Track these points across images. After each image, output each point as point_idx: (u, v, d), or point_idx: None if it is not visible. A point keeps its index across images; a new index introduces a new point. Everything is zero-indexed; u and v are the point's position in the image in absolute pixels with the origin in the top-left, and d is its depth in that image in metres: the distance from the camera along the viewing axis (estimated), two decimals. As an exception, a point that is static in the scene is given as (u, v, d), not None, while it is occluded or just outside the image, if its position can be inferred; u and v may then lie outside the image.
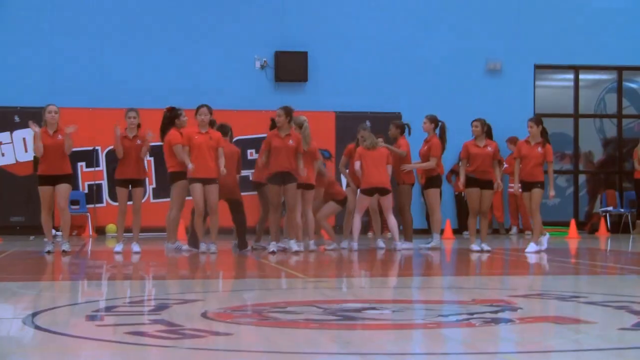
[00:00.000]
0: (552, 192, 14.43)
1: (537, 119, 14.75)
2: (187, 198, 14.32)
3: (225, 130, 14.48)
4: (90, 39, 19.97)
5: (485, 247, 14.32)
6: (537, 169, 14.31)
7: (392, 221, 14.88)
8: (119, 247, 13.88)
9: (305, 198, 14.62)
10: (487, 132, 14.58)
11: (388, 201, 14.75)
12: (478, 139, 14.40)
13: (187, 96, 17.77)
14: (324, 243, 15.31)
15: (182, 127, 14.27)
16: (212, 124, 14.12)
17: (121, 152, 13.75)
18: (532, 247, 14.21)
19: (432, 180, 15.05)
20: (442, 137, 15.25)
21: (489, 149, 14.30)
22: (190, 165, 13.60)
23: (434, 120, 15.28)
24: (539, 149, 14.31)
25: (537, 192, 14.25)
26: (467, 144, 14.47)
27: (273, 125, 14.45)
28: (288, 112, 14.11)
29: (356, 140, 15.05)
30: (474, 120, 14.59)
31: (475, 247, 14.38)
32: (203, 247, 13.89)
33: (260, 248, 14.84)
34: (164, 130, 14.51)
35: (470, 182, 14.34)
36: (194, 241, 14.38)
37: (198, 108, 13.96)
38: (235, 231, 14.73)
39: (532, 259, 13.42)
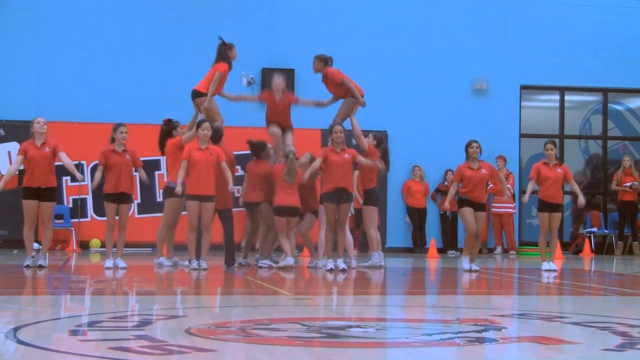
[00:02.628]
0: (582, 200, 14.75)
1: (554, 141, 14.93)
2: (183, 213, 14.31)
3: (219, 134, 14.37)
4: (76, 53, 19.97)
5: (474, 267, 14.25)
6: (560, 190, 14.51)
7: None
8: (109, 263, 13.77)
9: (293, 223, 14.66)
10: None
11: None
12: (472, 161, 14.20)
13: (174, 111, 17.73)
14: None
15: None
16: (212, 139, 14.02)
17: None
18: (551, 265, 14.44)
19: (368, 196, 14.83)
20: (384, 157, 15.08)
21: (483, 171, 14.16)
22: (178, 185, 13.54)
23: (377, 138, 15.13)
24: (559, 169, 14.41)
25: (560, 215, 14.75)
26: (461, 167, 14.32)
27: (255, 152, 14.63)
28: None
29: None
30: (472, 142, 14.28)
31: (465, 266, 14.30)
32: (194, 263, 13.83)
33: (246, 265, 14.83)
34: (162, 143, 14.51)
35: (464, 203, 14.27)
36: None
37: (200, 123, 13.86)
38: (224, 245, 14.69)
39: (548, 276, 13.54)
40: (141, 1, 20.31)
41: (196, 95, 14.78)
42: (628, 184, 20.44)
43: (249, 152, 15.35)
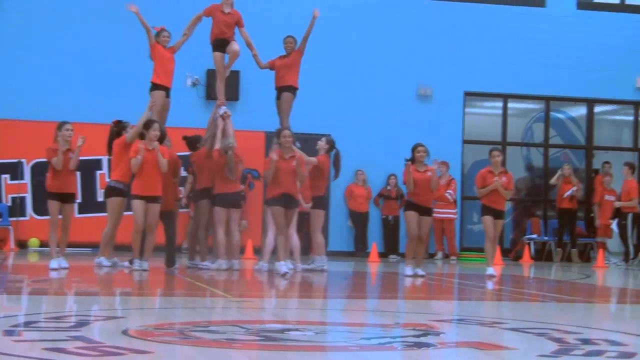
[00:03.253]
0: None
1: (500, 149, 15.04)
2: (125, 213, 14.23)
3: (163, 135, 14.29)
4: (17, 51, 19.74)
5: (420, 271, 14.22)
6: (503, 198, 14.61)
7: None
8: (54, 264, 13.52)
9: (233, 217, 14.66)
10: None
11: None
12: (420, 164, 14.19)
13: (118, 111, 17.60)
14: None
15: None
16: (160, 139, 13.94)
17: (60, 164, 13.43)
18: (490, 270, 14.51)
19: (317, 201, 14.93)
20: (336, 163, 15.20)
21: (429, 174, 14.18)
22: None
23: (329, 142, 15.20)
24: (504, 177, 14.47)
25: (502, 222, 14.94)
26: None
27: (192, 147, 14.66)
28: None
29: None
30: (418, 145, 14.31)
31: (408, 271, 14.27)
32: (137, 264, 13.71)
33: (194, 266, 14.76)
34: (110, 145, 14.39)
35: (409, 206, 14.31)
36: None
37: (150, 123, 13.78)
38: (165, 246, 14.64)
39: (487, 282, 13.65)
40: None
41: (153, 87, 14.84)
42: (568, 192, 20.64)
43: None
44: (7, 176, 19.02)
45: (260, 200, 18.65)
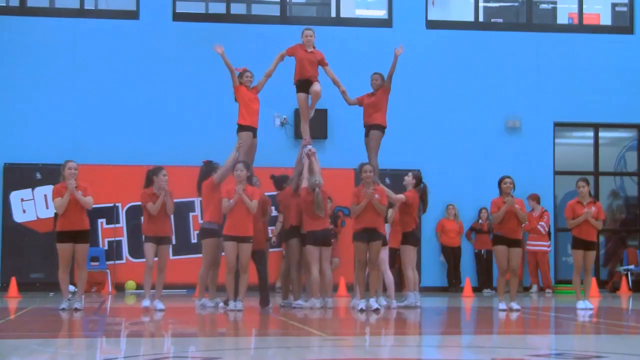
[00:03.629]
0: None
1: (586, 179, 15.03)
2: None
3: (251, 175, 14.42)
4: (110, 97, 20.17)
5: (515, 305, 14.06)
6: (594, 229, 14.49)
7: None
8: (146, 303, 13.83)
9: (325, 255, 14.71)
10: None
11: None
12: (506, 197, 14.11)
13: (208, 153, 17.83)
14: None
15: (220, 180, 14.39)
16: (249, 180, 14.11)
17: (156, 210, 13.78)
18: (587, 304, 14.42)
19: (407, 237, 14.89)
20: (423, 197, 15.16)
21: (517, 206, 14.09)
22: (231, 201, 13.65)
23: (416, 177, 15.17)
24: (593, 208, 14.35)
25: (594, 253, 14.77)
26: (495, 200, 14.28)
27: (278, 186, 14.70)
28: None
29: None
30: (506, 177, 14.30)
31: (502, 305, 14.14)
32: (231, 304, 13.84)
33: (288, 305, 14.79)
34: (200, 185, 14.59)
35: (498, 240, 14.24)
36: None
37: (235, 164, 13.99)
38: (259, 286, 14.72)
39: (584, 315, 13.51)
40: (171, 44, 20.48)
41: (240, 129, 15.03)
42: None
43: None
44: (103, 220, 19.36)
45: (350, 238, 18.64)
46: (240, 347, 9.71)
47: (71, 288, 14.45)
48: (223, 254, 14.23)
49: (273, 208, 17.41)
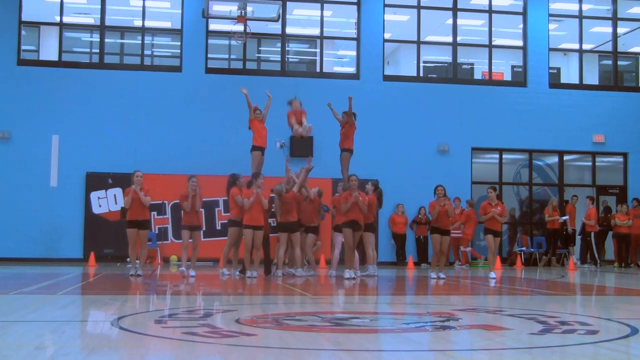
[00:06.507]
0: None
1: (494, 187, 15.38)
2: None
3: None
4: (161, 127, 20.10)
5: (442, 275, 14.23)
6: (499, 222, 14.63)
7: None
8: (182, 269, 13.89)
9: (297, 239, 14.79)
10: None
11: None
12: (440, 200, 14.18)
13: (230, 165, 17.82)
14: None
15: (240, 187, 14.31)
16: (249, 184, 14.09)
17: (189, 207, 13.79)
18: (492, 274, 14.54)
19: (368, 226, 14.71)
20: (380, 199, 15.25)
21: (447, 207, 14.15)
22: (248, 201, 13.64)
23: (374, 184, 15.17)
24: (499, 207, 14.46)
25: (499, 239, 14.87)
26: (432, 202, 14.35)
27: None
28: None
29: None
30: (439, 186, 14.34)
31: (434, 275, 14.25)
32: (248, 273, 13.89)
33: (289, 274, 14.72)
34: (228, 190, 14.58)
35: (434, 230, 14.28)
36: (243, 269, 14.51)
37: (256, 175, 13.99)
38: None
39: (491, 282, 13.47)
40: (204, 90, 20.44)
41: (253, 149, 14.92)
42: (563, 218, 20.40)
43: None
44: (155, 212, 19.32)
45: (329, 227, 18.64)
46: (252, 302, 9.70)
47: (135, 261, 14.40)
48: (242, 237, 14.23)
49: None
